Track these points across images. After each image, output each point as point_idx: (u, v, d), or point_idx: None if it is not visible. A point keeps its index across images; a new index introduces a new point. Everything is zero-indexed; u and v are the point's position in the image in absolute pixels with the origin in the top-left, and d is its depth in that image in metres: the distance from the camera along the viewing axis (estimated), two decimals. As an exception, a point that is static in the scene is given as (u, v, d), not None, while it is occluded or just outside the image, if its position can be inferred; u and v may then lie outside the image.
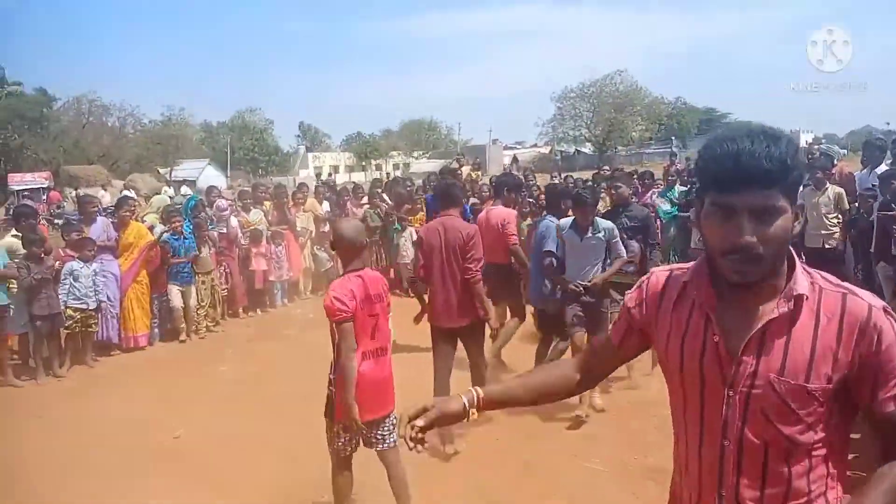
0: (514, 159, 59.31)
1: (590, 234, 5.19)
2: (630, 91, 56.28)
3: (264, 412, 5.54)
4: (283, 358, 7.28)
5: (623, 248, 5.37)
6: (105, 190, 24.96)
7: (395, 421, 3.51)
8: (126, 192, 15.40)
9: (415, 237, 10.36)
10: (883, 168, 7.52)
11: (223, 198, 10.17)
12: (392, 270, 10.59)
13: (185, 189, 24.95)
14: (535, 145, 70.52)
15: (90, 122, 50.40)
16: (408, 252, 10.19)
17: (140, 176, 46.76)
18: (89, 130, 49.42)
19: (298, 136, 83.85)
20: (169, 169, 52.32)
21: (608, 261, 5.28)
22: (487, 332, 5.17)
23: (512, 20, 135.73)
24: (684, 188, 10.39)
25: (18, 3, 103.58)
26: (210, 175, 51.67)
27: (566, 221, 5.39)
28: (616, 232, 5.30)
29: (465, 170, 12.98)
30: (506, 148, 70.61)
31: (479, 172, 13.55)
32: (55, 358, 6.94)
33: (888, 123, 61.34)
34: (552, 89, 66.54)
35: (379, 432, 3.57)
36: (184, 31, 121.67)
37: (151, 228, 8.40)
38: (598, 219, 5.32)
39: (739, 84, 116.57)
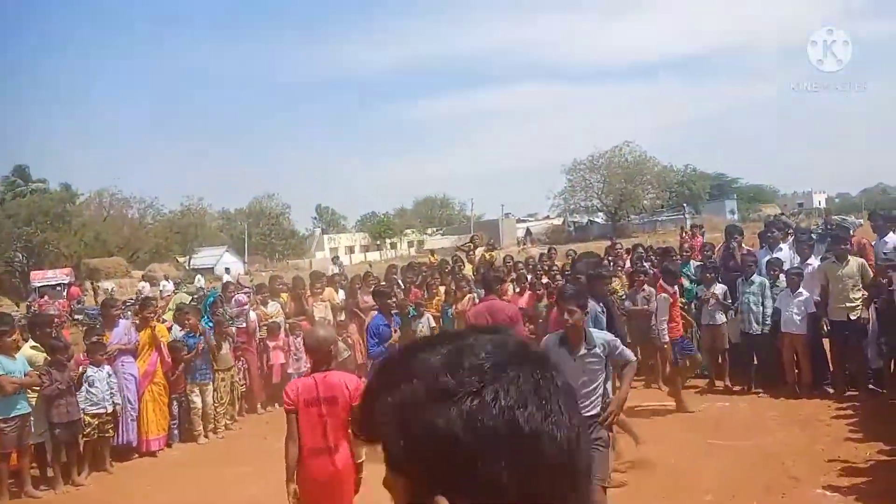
0: (528, 232, 59.97)
1: (583, 351, 4.21)
2: (639, 161, 57.02)
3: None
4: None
5: (629, 351, 4.61)
6: (149, 283, 25.13)
7: None
8: (146, 287, 15.55)
9: (432, 323, 10.39)
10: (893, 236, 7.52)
11: (242, 292, 10.25)
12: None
13: (198, 279, 25.20)
14: (548, 217, 71.05)
15: (111, 215, 51.66)
16: (425, 338, 10.16)
17: (159, 265, 47.48)
18: (110, 223, 50.58)
19: (315, 217, 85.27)
20: (188, 257, 53.17)
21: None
22: None
23: (518, 97, 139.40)
24: (699, 262, 10.33)
25: (40, 99, 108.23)
26: (228, 261, 52.42)
27: (551, 338, 4.44)
28: (617, 343, 4.38)
29: (480, 251, 13.04)
30: (518, 221, 71.21)
31: (494, 253, 13.59)
32: (73, 466, 6.87)
33: (900, 180, 61.52)
34: (562, 162, 67.40)
35: None
36: (202, 122, 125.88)
37: (170, 328, 8.45)
38: (590, 330, 4.38)
39: (747, 149, 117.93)
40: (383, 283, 9.05)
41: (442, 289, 10.92)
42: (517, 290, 10.51)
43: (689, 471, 5.87)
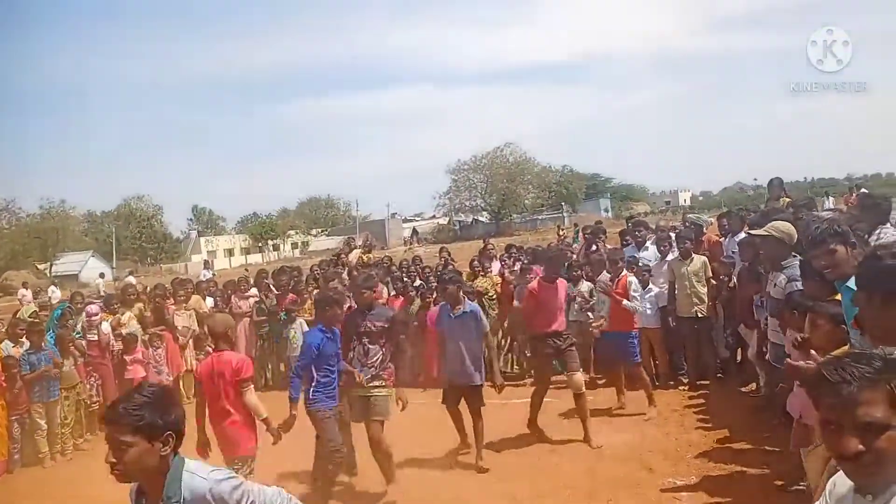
0: (414, 231, 60.23)
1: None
2: (520, 161, 58.67)
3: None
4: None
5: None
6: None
7: (238, 464, 4.66)
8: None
9: (305, 328, 10.11)
10: (742, 235, 8.05)
11: (93, 302, 9.54)
12: (282, 364, 10.22)
13: (52, 290, 23.39)
14: (434, 217, 71.66)
15: (-43, 219, 47.03)
16: (297, 344, 9.88)
17: (17, 273, 43.79)
18: (-44, 227, 46.03)
19: (191, 219, 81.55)
20: (49, 264, 49.34)
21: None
22: None
23: (403, 100, 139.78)
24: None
25: None
26: (94, 266, 49.03)
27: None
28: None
29: (355, 253, 12.83)
30: (405, 221, 71.39)
31: (371, 255, 13.41)
32: None
33: (756, 179, 66.88)
34: (446, 163, 68.27)
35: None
36: (62, 119, 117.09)
37: None
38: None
39: (622, 150, 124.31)
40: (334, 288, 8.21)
41: (315, 293, 10.66)
42: (392, 293, 10.45)
43: (548, 467, 6.02)
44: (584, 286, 8.63)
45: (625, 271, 7.33)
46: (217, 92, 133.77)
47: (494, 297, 9.72)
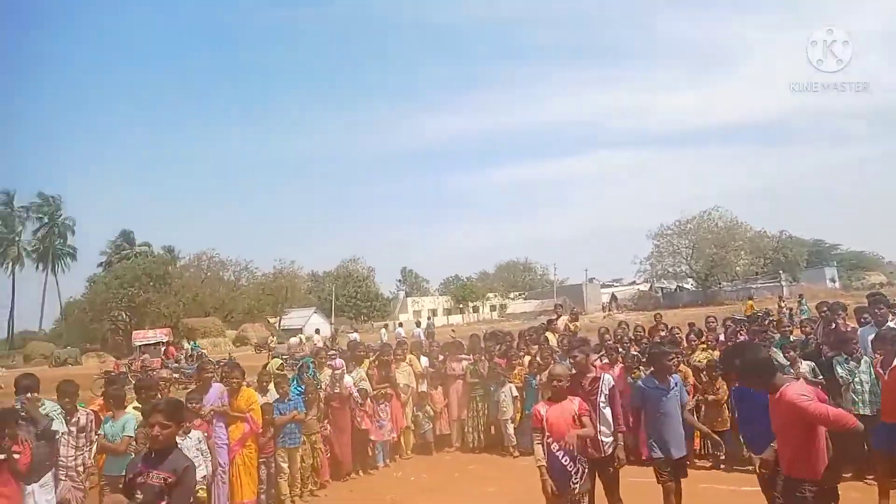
0: (613, 297, 58.75)
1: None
2: (729, 226, 55.37)
3: None
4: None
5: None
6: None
7: None
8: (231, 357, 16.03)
9: (514, 393, 10.26)
10: None
11: (338, 357, 10.43)
12: (492, 427, 10.42)
13: (294, 340, 25.96)
14: (634, 282, 69.49)
15: (208, 277, 54.23)
16: (507, 408, 10.04)
17: (251, 325, 49.19)
18: (207, 284, 53.08)
19: (399, 280, 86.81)
20: (279, 318, 54.95)
21: None
22: None
23: (600, 162, 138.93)
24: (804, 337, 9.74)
25: (145, 167, 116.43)
26: (315, 322, 53.68)
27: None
28: None
29: (563, 320, 12.86)
30: (603, 286, 69.99)
31: (578, 324, 13.36)
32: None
33: None
34: (646, 225, 66.19)
35: None
36: (292, 189, 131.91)
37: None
38: None
39: (842, 213, 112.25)
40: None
41: (526, 358, 10.82)
42: (605, 360, 10.25)
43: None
44: (804, 366, 7.91)
45: None
46: (418, 161, 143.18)
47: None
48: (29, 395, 6.53)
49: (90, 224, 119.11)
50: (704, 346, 9.61)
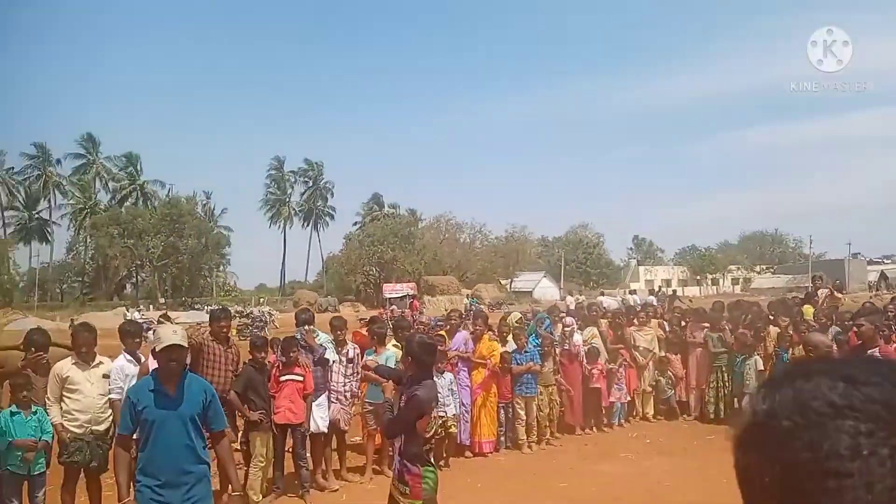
0: (883, 276, 51.51)
1: None
2: None
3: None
4: (621, 481, 7.22)
5: None
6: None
7: None
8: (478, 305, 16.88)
9: (760, 366, 9.64)
10: None
11: (568, 316, 10.66)
12: (736, 399, 9.91)
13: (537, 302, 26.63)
14: (910, 260, 60.24)
15: (446, 238, 57.59)
16: (751, 381, 9.48)
17: (484, 286, 51.35)
18: (445, 245, 56.41)
19: (630, 248, 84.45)
20: (509, 280, 56.71)
21: None
22: None
23: (872, 123, 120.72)
24: None
25: (393, 133, 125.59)
26: (544, 286, 54.53)
27: None
28: None
29: (822, 293, 11.67)
30: (870, 263, 61.71)
31: (841, 296, 12.04)
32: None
33: None
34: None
35: None
36: (525, 156, 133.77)
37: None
38: None
39: None
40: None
41: (773, 330, 10.08)
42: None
43: None
44: None
45: None
46: (657, 124, 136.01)
47: None
48: (307, 327, 7.62)
49: (347, 187, 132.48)
50: None
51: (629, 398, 10.12)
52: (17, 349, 6.40)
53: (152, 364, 5.02)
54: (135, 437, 4.08)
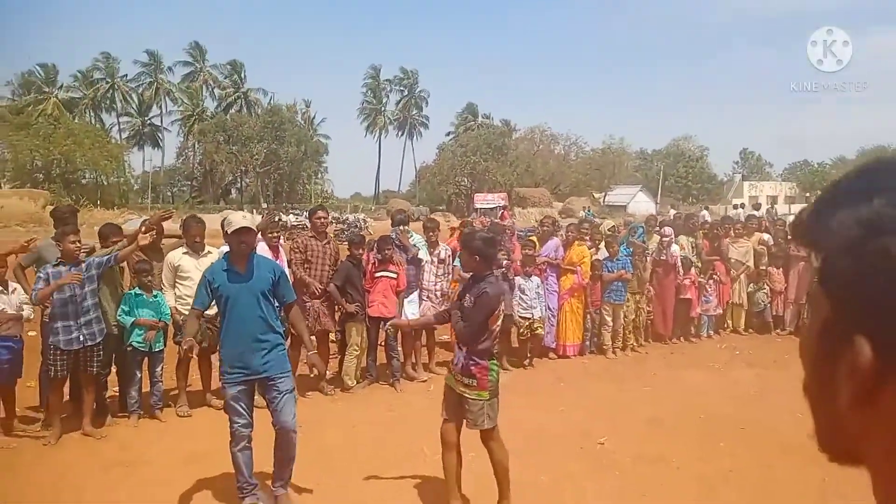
0: None
1: None
2: None
3: (684, 437, 5.62)
4: (709, 389, 7.24)
5: None
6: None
7: None
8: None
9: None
10: None
11: (667, 226, 10.43)
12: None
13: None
14: None
15: (540, 150, 56.49)
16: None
17: (577, 199, 50.51)
18: (539, 156, 55.41)
19: (736, 162, 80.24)
20: (603, 193, 55.45)
21: None
22: None
23: None
24: None
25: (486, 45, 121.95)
26: (640, 200, 52.99)
27: None
28: None
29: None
30: None
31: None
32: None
33: None
34: None
35: None
36: (625, 66, 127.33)
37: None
38: None
39: None
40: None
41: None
42: None
43: None
44: None
45: None
46: (774, 26, 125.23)
47: None
48: (401, 227, 7.85)
49: (441, 97, 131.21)
50: None
51: (720, 311, 9.94)
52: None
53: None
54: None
